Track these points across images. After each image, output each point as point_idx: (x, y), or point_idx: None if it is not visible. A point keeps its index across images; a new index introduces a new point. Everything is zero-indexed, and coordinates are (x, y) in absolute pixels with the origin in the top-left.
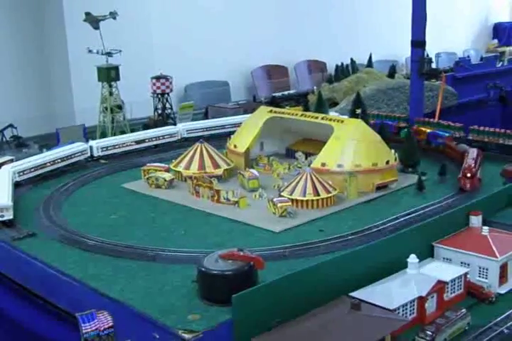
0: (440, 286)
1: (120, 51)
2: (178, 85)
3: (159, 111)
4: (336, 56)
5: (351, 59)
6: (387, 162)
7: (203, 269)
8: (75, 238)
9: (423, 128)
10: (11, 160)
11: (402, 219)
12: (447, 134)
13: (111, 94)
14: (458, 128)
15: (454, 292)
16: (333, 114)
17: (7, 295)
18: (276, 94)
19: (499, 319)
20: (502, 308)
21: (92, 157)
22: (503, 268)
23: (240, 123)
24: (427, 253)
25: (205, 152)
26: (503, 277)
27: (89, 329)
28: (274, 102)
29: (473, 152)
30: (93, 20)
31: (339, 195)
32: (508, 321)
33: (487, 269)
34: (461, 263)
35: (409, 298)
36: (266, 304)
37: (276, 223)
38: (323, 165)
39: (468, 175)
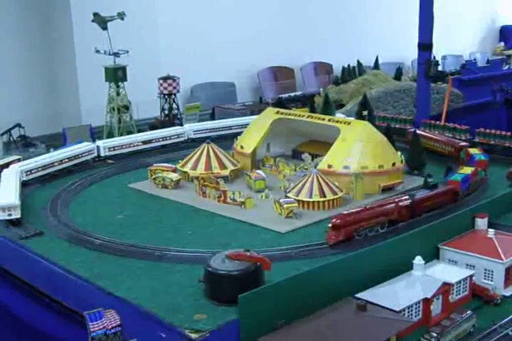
0: (446, 288)
1: (127, 52)
2: (184, 86)
3: (166, 112)
4: (343, 58)
5: (358, 61)
6: (394, 164)
7: (210, 269)
8: (82, 237)
9: None
10: (19, 160)
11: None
12: None
13: (118, 94)
14: (464, 130)
15: (459, 294)
16: (339, 115)
17: (14, 293)
18: (283, 96)
19: (504, 321)
20: (507, 310)
21: (99, 157)
22: (509, 271)
23: (247, 124)
24: (432, 255)
25: (211, 153)
26: (508, 279)
27: (96, 328)
28: (280, 104)
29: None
30: (101, 21)
31: (345, 197)
32: None
33: (492, 271)
34: (467, 265)
35: (415, 299)
36: (272, 304)
37: (283, 224)
38: (330, 166)
39: (330, 224)
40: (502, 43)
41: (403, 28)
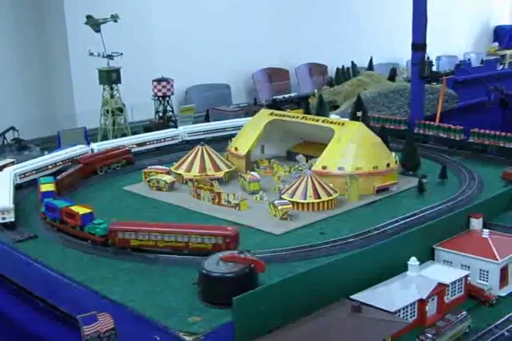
0: (441, 289)
1: (121, 54)
2: (179, 88)
3: (160, 114)
4: (337, 59)
5: (352, 62)
6: (388, 165)
7: (205, 271)
8: (76, 240)
9: None
10: (13, 163)
11: (403, 221)
12: None
13: (112, 96)
14: (458, 131)
15: (454, 294)
16: (333, 116)
17: (8, 297)
18: (277, 97)
19: (499, 321)
20: (502, 311)
21: None
22: (504, 271)
23: (241, 126)
24: (427, 256)
25: (206, 155)
26: (503, 280)
27: (90, 331)
28: (274, 105)
29: None
30: (94, 23)
31: (340, 198)
32: (508, 324)
33: (487, 272)
34: (462, 265)
35: (410, 300)
36: (267, 306)
37: (277, 226)
38: (324, 167)
39: None
40: (496, 43)
41: (397, 28)
